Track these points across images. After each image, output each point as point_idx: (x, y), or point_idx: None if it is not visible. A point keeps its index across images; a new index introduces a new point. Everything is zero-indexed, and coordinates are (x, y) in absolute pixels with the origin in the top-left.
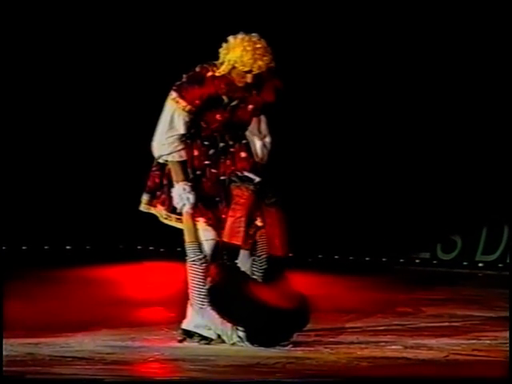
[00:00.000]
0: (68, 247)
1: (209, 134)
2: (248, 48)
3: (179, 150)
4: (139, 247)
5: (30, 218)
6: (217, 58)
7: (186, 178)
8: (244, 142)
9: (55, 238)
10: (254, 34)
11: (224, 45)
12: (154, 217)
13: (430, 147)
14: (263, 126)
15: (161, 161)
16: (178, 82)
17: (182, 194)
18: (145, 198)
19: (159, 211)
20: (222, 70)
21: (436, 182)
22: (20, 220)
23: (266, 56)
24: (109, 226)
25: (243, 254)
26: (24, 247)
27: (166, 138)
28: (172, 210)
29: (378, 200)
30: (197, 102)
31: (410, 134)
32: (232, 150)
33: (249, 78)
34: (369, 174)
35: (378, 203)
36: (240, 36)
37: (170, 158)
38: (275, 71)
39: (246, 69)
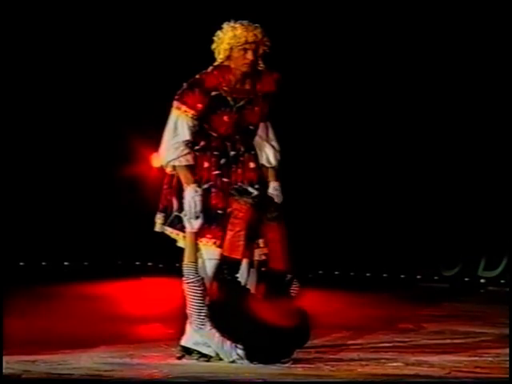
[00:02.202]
0: (66, 263)
1: (219, 143)
2: (236, 25)
3: (186, 154)
4: (137, 263)
5: (28, 234)
6: None
7: (196, 181)
8: (253, 152)
9: (53, 254)
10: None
11: (215, 39)
12: (152, 232)
13: (431, 164)
14: (271, 132)
15: (169, 168)
16: (179, 91)
17: (194, 196)
18: (159, 217)
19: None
20: (220, 59)
21: (438, 198)
22: (17, 236)
23: (258, 28)
24: (107, 242)
25: (244, 267)
26: (21, 263)
27: (172, 145)
28: (170, 223)
29: (379, 215)
30: (199, 105)
31: (413, 152)
32: (242, 159)
33: (249, 54)
34: (370, 189)
35: (379, 219)
36: (224, 25)
37: (177, 163)
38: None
39: (242, 40)
